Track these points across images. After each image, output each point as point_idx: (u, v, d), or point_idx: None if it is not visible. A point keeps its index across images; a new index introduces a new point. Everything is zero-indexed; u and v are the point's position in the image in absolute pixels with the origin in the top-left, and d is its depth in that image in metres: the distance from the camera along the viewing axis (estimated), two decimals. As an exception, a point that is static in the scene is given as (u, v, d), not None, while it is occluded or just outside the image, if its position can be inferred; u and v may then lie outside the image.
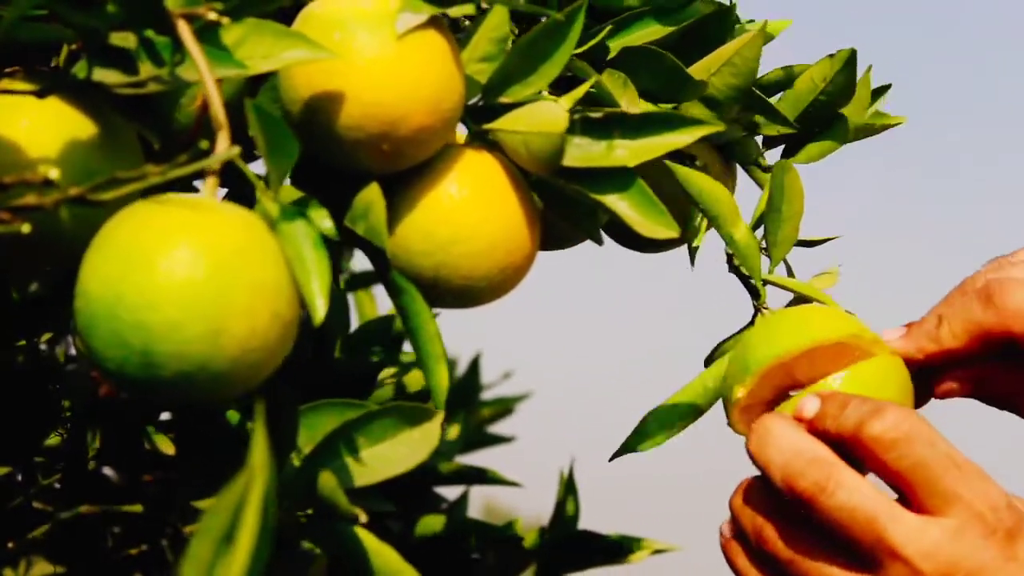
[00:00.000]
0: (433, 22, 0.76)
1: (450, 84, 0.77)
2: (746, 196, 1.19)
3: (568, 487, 1.25)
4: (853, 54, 0.99)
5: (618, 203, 0.78)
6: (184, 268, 0.64)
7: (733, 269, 0.96)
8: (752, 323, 0.95)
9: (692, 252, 1.02)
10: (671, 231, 0.77)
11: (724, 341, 0.97)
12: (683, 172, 0.89)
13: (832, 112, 1.01)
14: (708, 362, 0.97)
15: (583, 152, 0.78)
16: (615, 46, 0.92)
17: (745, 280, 0.95)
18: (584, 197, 0.79)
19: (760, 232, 0.95)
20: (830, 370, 0.85)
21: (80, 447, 1.03)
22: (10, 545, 1.00)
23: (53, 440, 1.05)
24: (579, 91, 0.79)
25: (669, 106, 0.93)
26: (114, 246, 0.65)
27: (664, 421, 0.92)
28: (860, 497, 0.77)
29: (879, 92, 1.06)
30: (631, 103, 0.88)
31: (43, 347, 1.21)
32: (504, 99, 0.80)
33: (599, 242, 0.87)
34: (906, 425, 0.78)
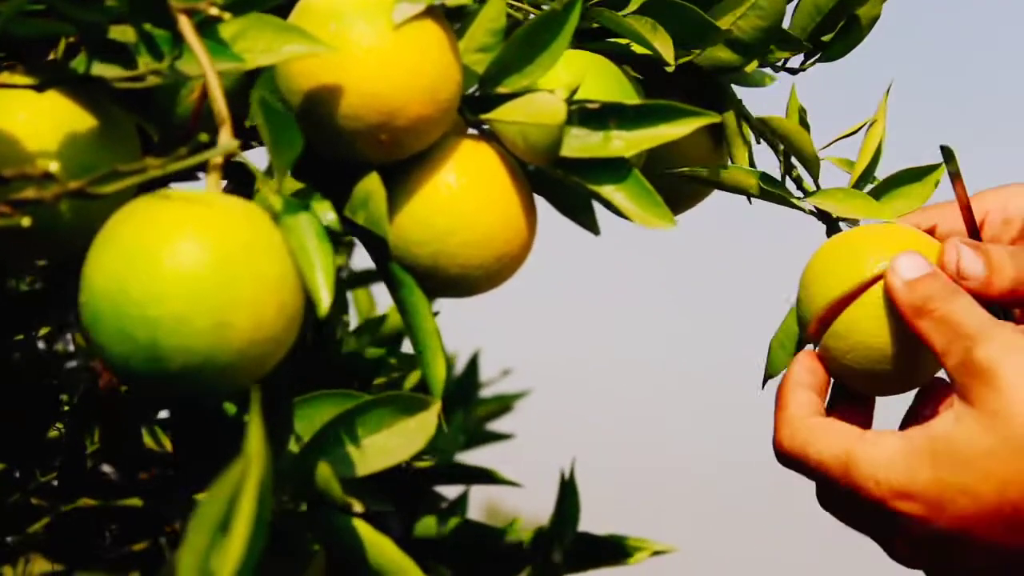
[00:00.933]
0: (430, 12, 0.76)
1: (448, 74, 0.77)
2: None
3: (568, 487, 1.25)
4: None
5: (615, 194, 0.78)
6: (189, 261, 0.64)
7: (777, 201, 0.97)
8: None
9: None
10: (668, 222, 0.78)
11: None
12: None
13: (846, 15, 1.01)
14: None
15: (580, 143, 0.78)
16: None
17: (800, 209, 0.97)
18: (581, 188, 0.79)
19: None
20: None
21: (78, 443, 1.03)
22: (8, 539, 1.00)
23: (51, 435, 1.06)
24: (576, 80, 0.79)
25: (694, 53, 0.93)
26: (118, 241, 0.66)
27: (786, 337, 0.96)
28: None
29: None
30: (665, 46, 0.88)
31: (41, 343, 1.22)
32: (501, 89, 0.80)
33: (596, 233, 0.87)
34: None
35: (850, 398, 0.92)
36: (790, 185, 0.99)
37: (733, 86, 1.01)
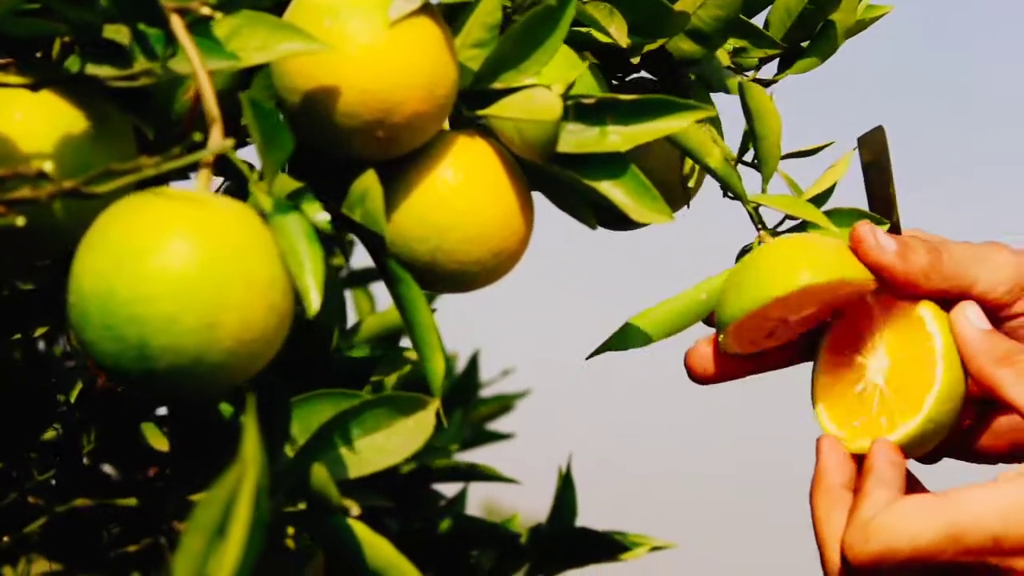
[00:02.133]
0: (426, 8, 0.76)
1: (444, 70, 0.77)
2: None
3: (566, 483, 1.25)
4: None
5: (612, 189, 0.78)
6: (178, 261, 0.64)
7: (728, 196, 0.96)
8: (749, 250, 0.95)
9: (687, 191, 1.02)
10: (665, 216, 0.78)
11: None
12: None
13: (821, 19, 1.01)
14: None
15: (576, 138, 0.78)
16: None
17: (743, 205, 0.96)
18: (577, 183, 0.79)
19: (751, 156, 0.97)
20: (821, 303, 0.89)
21: (76, 442, 1.03)
22: (5, 539, 1.00)
23: (48, 435, 1.05)
24: (572, 75, 0.79)
25: (659, 42, 0.93)
26: (106, 240, 0.65)
27: (652, 323, 0.92)
28: None
29: None
30: (620, 30, 0.88)
31: (39, 342, 1.21)
32: (497, 85, 0.80)
33: (593, 227, 0.87)
34: None
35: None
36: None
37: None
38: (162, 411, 1.07)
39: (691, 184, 1.03)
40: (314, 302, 0.67)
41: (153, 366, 0.64)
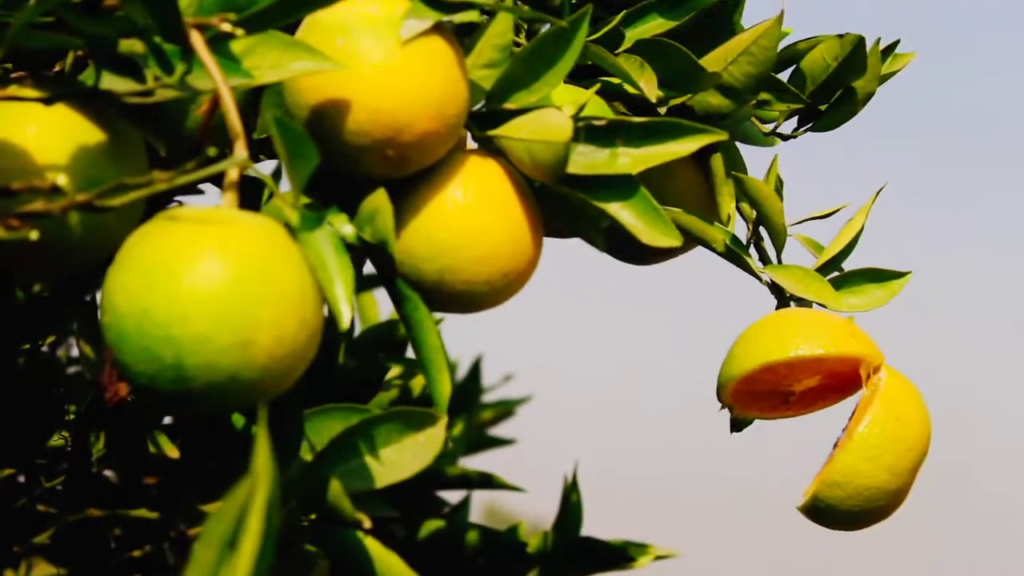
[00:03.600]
0: (438, 28, 0.76)
1: (455, 90, 0.77)
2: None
3: (571, 491, 1.25)
4: (861, 40, 1.00)
5: (621, 211, 0.79)
6: (211, 280, 0.64)
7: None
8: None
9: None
10: (674, 239, 0.78)
11: None
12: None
13: (843, 84, 1.02)
14: None
15: (587, 159, 0.79)
16: (629, 36, 0.93)
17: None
18: (587, 205, 0.79)
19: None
20: (810, 374, 0.93)
21: (83, 450, 1.03)
22: (16, 549, 1.00)
23: (56, 443, 1.06)
24: (583, 97, 0.79)
25: (686, 96, 0.95)
26: (138, 261, 0.66)
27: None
28: None
29: (888, 51, 1.06)
30: (649, 84, 0.90)
31: (45, 350, 1.22)
32: (508, 105, 0.80)
33: (602, 248, 0.87)
34: None
35: None
36: (755, 253, 1.00)
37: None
38: (169, 420, 1.08)
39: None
40: (345, 315, 0.68)
41: (190, 386, 0.65)
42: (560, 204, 0.84)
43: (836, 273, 0.99)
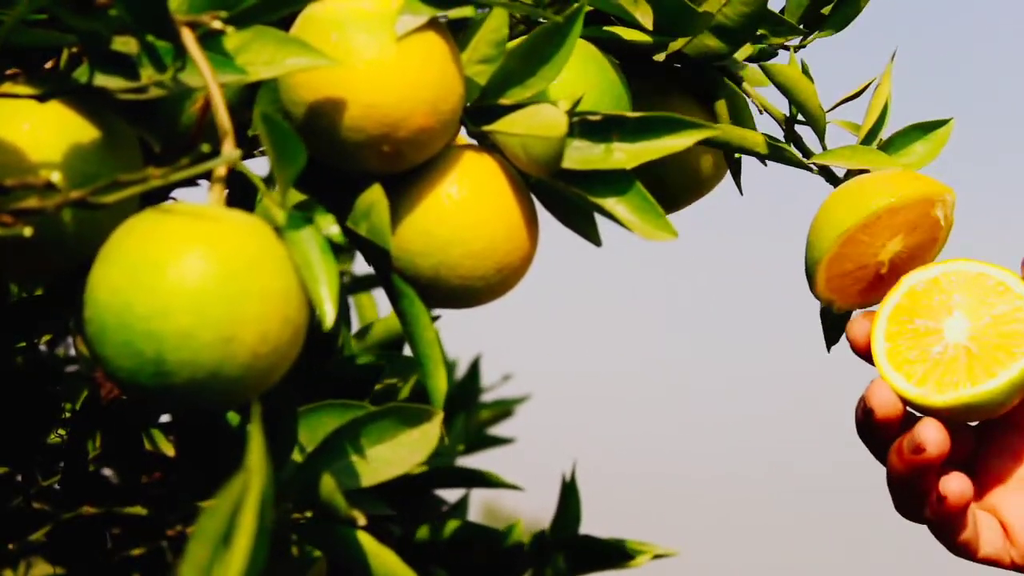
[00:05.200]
0: (433, 23, 0.76)
1: (450, 85, 0.77)
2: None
3: (569, 490, 1.25)
4: None
5: (617, 206, 0.79)
6: (194, 275, 0.64)
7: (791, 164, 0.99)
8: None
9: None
10: (669, 234, 0.78)
11: None
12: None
13: None
14: None
15: (581, 155, 0.78)
16: None
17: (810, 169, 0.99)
18: (583, 200, 0.79)
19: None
20: (891, 233, 0.91)
21: (80, 448, 1.03)
22: (11, 547, 1.00)
23: (53, 440, 1.06)
24: (578, 92, 0.79)
25: (683, 40, 0.94)
26: (122, 255, 0.66)
27: None
28: None
29: None
30: (644, 15, 0.90)
31: (43, 348, 1.22)
32: (504, 100, 0.80)
33: (598, 244, 0.87)
34: None
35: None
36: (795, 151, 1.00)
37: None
38: (166, 418, 1.08)
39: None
40: (329, 315, 0.67)
41: (170, 381, 0.64)
42: (555, 200, 0.84)
43: (877, 144, 0.98)
